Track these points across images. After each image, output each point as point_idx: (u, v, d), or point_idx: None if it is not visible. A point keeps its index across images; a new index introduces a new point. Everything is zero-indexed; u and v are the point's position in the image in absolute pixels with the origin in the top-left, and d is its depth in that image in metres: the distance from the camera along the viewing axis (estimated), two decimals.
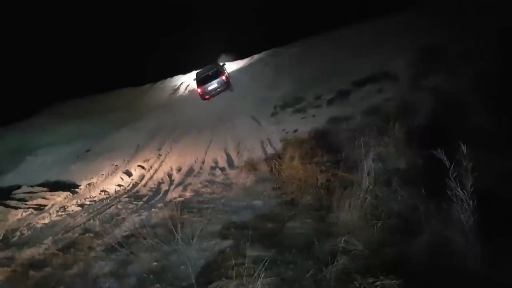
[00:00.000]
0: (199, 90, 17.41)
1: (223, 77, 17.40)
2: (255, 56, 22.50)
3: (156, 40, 23.70)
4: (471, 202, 3.35)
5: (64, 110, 24.14)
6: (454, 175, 3.46)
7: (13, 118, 22.08)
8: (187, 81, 23.32)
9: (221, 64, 18.84)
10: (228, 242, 4.86)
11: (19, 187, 12.37)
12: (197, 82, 17.74)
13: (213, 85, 17.20)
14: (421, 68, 10.39)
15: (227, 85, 17.50)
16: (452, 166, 3.47)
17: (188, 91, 21.81)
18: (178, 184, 9.79)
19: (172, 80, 25.26)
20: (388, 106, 9.56)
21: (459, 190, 3.39)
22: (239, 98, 16.97)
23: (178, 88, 23.43)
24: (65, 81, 26.01)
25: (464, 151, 3.36)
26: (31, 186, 12.36)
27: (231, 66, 21.44)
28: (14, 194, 11.67)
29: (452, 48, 10.08)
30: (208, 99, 17.52)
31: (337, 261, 3.79)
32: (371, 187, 4.97)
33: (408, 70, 10.82)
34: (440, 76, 9.10)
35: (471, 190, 3.38)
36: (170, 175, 11.05)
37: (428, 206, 4.43)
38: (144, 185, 10.61)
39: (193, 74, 19.87)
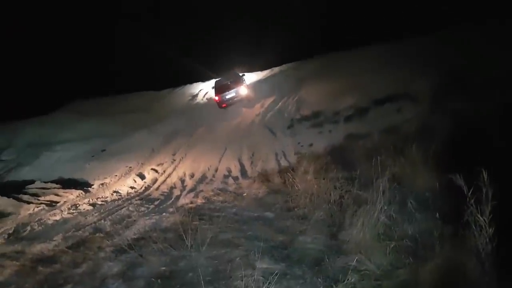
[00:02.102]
0: (216, 98, 17.59)
1: (242, 87, 17.53)
2: (275, 69, 22.62)
3: (178, 47, 24.03)
4: (490, 230, 3.26)
5: (83, 108, 24.50)
6: (472, 200, 3.39)
7: (33, 112, 22.51)
8: (205, 88, 23.53)
9: (241, 74, 18.97)
10: (238, 252, 4.81)
11: (33, 182, 12.56)
12: (215, 90, 17.94)
13: (231, 94, 17.36)
14: (442, 90, 10.28)
15: (245, 95, 17.59)
16: (471, 192, 3.40)
17: (206, 98, 21.98)
18: (190, 190, 9.80)
19: (191, 87, 25.46)
20: (407, 126, 9.45)
21: (479, 216, 3.31)
22: (256, 108, 17.01)
23: (197, 95, 23.59)
24: (87, 79, 26.56)
25: (485, 177, 3.29)
26: (45, 182, 12.55)
27: (250, 77, 21.56)
28: (27, 188, 11.85)
29: (476, 72, 9.97)
30: (225, 107, 17.65)
31: (348, 279, 3.73)
32: (385, 207, 4.86)
33: (429, 92, 10.70)
34: (462, 99, 8.98)
35: (490, 217, 3.30)
36: (182, 181, 11.08)
37: (443, 230, 4.35)
38: (157, 189, 10.67)
39: (212, 82, 20.05)
